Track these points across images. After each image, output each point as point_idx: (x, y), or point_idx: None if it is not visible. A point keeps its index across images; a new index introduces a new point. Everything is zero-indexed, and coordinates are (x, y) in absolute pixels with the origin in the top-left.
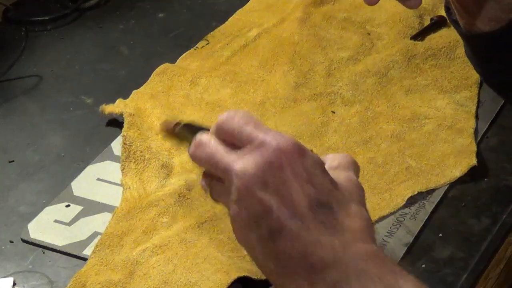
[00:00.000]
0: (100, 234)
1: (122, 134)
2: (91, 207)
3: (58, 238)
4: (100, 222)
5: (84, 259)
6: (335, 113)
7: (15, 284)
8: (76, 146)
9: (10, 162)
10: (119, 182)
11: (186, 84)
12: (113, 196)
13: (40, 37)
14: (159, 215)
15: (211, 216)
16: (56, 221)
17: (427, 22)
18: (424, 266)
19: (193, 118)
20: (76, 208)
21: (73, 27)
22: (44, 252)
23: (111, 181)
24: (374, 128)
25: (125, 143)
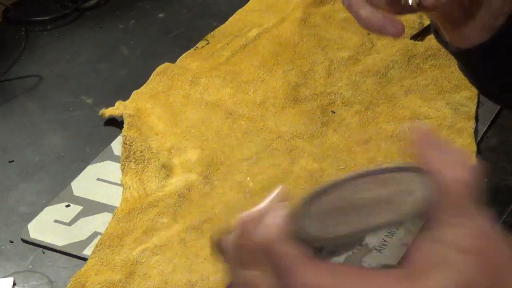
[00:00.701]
0: (100, 234)
1: (122, 134)
2: (91, 207)
3: (58, 238)
4: (100, 222)
5: (84, 259)
6: (335, 113)
7: (15, 284)
8: (76, 146)
9: (10, 162)
10: (119, 182)
11: (186, 84)
12: (113, 196)
13: (40, 37)
14: (159, 215)
15: (211, 216)
16: (56, 221)
17: (427, 22)
18: None
19: (193, 118)
20: (76, 208)
21: (73, 27)
22: (44, 252)
23: (111, 181)
24: (374, 128)
25: (125, 143)
